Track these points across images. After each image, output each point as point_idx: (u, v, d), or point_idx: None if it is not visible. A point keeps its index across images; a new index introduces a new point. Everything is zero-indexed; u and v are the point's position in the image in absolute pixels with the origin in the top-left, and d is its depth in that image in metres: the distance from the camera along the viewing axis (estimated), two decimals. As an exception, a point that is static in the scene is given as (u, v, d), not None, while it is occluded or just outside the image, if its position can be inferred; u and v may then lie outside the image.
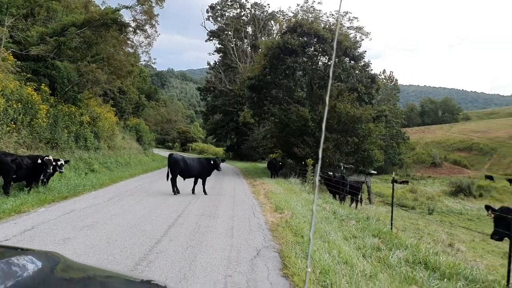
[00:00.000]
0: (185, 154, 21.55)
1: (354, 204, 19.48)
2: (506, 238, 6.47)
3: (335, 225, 9.92)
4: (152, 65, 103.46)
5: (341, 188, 18.25)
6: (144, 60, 51.64)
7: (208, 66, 69.15)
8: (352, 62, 33.10)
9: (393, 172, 12.61)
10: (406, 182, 52.69)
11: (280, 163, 29.75)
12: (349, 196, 19.58)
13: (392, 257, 7.19)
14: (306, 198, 15.45)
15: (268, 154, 46.50)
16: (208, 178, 16.29)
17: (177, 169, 15.11)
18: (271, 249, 7.79)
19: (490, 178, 57.77)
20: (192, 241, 7.97)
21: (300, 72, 33.50)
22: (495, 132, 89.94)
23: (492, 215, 6.65)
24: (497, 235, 6.40)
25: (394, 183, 13.03)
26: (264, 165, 42.96)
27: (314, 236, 8.46)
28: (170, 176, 15.13)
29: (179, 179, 15.45)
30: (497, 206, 6.94)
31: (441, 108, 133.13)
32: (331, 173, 21.31)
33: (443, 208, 31.63)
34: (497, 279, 6.27)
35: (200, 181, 15.75)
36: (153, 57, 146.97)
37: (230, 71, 62.39)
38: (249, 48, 62.24)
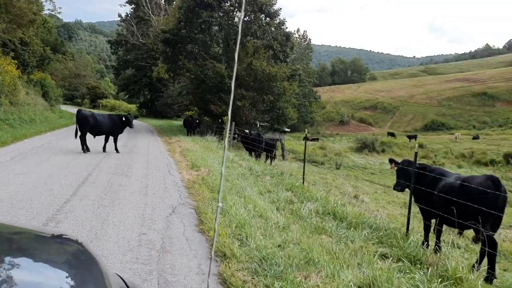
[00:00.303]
0: (96, 111, 20.54)
1: (269, 161, 20.04)
2: (407, 189, 7.03)
3: (251, 181, 10.16)
4: (58, 15, 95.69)
5: (257, 146, 18.62)
6: (48, 9, 47.42)
7: (119, 19, 65.20)
8: (267, 19, 33.04)
9: (306, 130, 13.08)
10: (317, 139, 55.06)
11: (197, 121, 29.46)
12: (265, 153, 20.06)
13: (303, 209, 7.56)
14: (223, 155, 15.57)
15: (184, 112, 45.79)
16: (120, 136, 15.73)
17: (86, 126, 14.36)
18: (187, 206, 7.80)
19: (392, 135, 62.25)
20: (103, 200, 7.72)
21: (216, 27, 32.88)
22: (398, 91, 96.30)
23: (395, 168, 7.16)
24: (399, 186, 6.93)
25: (306, 141, 13.56)
26: (180, 122, 42.33)
27: (231, 192, 8.60)
28: (79, 133, 14.36)
29: (89, 136, 14.73)
30: (399, 159, 7.48)
31: (350, 68, 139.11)
32: (247, 131, 21.60)
33: (349, 163, 33.60)
34: (398, 227, 6.86)
35: (111, 138, 15.16)
36: (58, 6, 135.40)
37: (143, 24, 59.44)
38: (163, 0, 59.58)
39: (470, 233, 7.86)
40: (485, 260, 5.69)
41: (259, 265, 4.72)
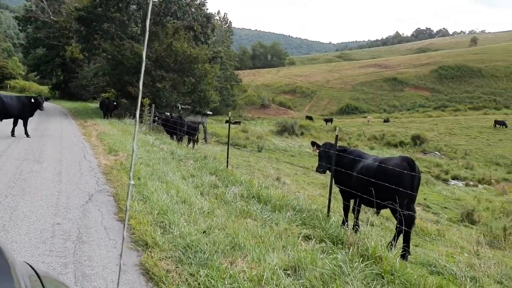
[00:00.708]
0: (3, 93, 18.84)
1: (191, 144, 19.73)
2: (328, 171, 7.20)
3: (173, 166, 9.87)
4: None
5: (178, 129, 18.20)
6: None
7: (27, -7, 60.16)
8: (188, -1, 32.33)
9: (229, 113, 12.98)
10: (239, 122, 55.33)
11: (114, 103, 28.13)
12: (187, 136, 19.69)
13: (228, 193, 7.48)
14: (142, 139, 15.02)
15: (101, 94, 43.60)
16: (30, 119, 14.58)
17: (-10, 109, 13.13)
18: (105, 193, 7.40)
19: (310, 118, 64.27)
20: (12, 188, 7.08)
21: (135, 6, 31.47)
22: (315, 76, 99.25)
23: (317, 150, 7.30)
24: (321, 168, 7.09)
25: (229, 124, 13.47)
26: (96, 105, 40.25)
27: (152, 177, 8.28)
28: (-18, 117, 13.10)
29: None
30: (318, 142, 7.64)
31: (270, 52, 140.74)
32: (168, 114, 21.05)
33: (270, 146, 34.19)
34: (319, 208, 7.02)
35: (20, 122, 14.00)
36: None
37: (54, 0, 55.37)
38: (76, -25, 55.82)
39: (386, 212, 8.25)
40: (401, 238, 6.01)
41: (183, 253, 4.56)
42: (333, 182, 7.03)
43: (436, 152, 41.45)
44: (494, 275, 5.66)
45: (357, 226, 6.69)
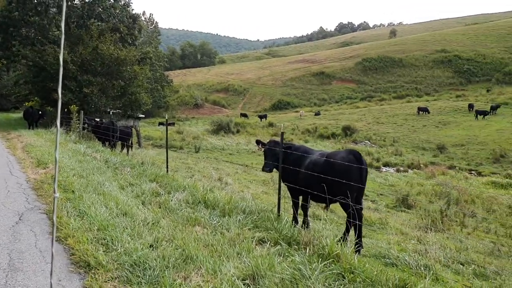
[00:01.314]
0: None
1: (125, 150, 18.92)
2: (275, 169, 7.06)
3: (109, 175, 9.29)
4: None
5: (111, 135, 17.35)
6: None
7: None
8: (111, 0, 30.98)
9: (166, 115, 12.52)
10: (173, 123, 54.25)
11: (39, 112, 26.36)
12: (120, 142, 18.85)
13: (172, 200, 7.11)
14: (73, 148, 14.13)
15: (23, 103, 40.89)
16: None
17: None
18: (36, 210, 6.77)
19: (244, 115, 64.41)
20: None
21: (55, 9, 29.66)
22: (246, 73, 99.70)
23: (262, 149, 7.14)
24: (267, 167, 6.93)
25: (162, 126, 13.05)
26: (19, 115, 37.63)
27: (87, 190, 7.72)
28: None
29: None
30: (253, 139, 7.49)
31: (199, 51, 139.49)
32: (99, 119, 20.05)
33: (208, 146, 33.76)
34: (269, 208, 6.84)
35: None
36: None
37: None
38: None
39: (336, 206, 8.28)
40: (352, 232, 6.00)
41: (131, 271, 4.20)
42: (281, 180, 6.90)
43: (367, 141, 43.07)
44: (441, 260, 5.81)
45: (307, 223, 6.62)
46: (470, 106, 55.05)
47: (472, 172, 29.68)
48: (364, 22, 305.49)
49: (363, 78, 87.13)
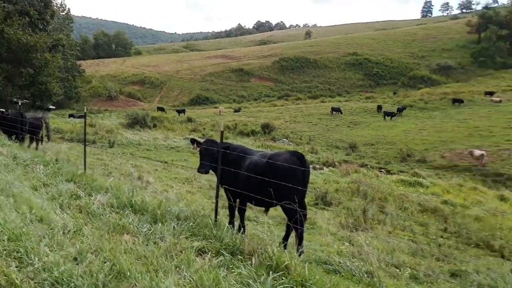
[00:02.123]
0: None
1: (34, 144, 17.30)
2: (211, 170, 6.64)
3: (19, 173, 8.22)
4: None
5: (18, 127, 15.71)
6: None
7: None
8: (18, -20, 28.30)
9: (85, 107, 11.46)
10: (85, 115, 51.19)
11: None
12: (28, 135, 17.17)
13: (94, 204, 6.38)
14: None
15: None
16: None
17: None
18: None
19: (161, 109, 62.71)
20: None
21: None
22: (164, 66, 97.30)
23: (197, 148, 6.69)
24: (203, 168, 6.46)
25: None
26: None
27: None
28: None
29: None
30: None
31: (114, 41, 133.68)
32: (4, 110, 18.11)
33: (123, 140, 32.21)
34: (207, 214, 6.34)
35: None
36: None
37: None
38: None
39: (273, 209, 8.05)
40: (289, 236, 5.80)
41: (53, 292, 3.60)
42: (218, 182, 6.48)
43: (284, 139, 43.90)
44: (379, 265, 5.80)
45: (242, 227, 6.32)
46: (379, 108, 58.36)
47: (382, 170, 31.30)
48: (281, 22, 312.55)
49: (280, 77, 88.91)
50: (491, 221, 14.50)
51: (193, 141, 6.92)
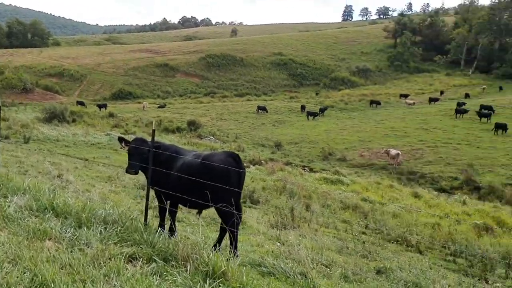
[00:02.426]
0: None
1: None
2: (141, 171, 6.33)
3: None
4: None
5: None
6: None
7: None
8: None
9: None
10: (-6, 109, 47.45)
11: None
12: None
13: (10, 206, 5.81)
14: None
15: None
16: None
17: None
18: None
19: (81, 103, 59.77)
20: None
21: None
22: (84, 59, 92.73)
23: (126, 148, 6.35)
24: (133, 169, 6.12)
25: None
26: None
27: None
28: None
29: None
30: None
31: (30, 31, 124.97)
32: None
33: (39, 136, 30.21)
34: (135, 217, 6.01)
35: None
36: None
37: None
38: None
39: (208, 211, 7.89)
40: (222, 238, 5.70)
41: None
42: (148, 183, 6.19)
43: (211, 137, 43.71)
44: (305, 260, 5.87)
45: (173, 230, 6.11)
46: (302, 107, 60.00)
47: (305, 168, 32.20)
48: (207, 18, 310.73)
49: (206, 74, 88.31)
50: (407, 217, 15.45)
51: (121, 139, 6.52)
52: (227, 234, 5.85)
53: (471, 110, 49.75)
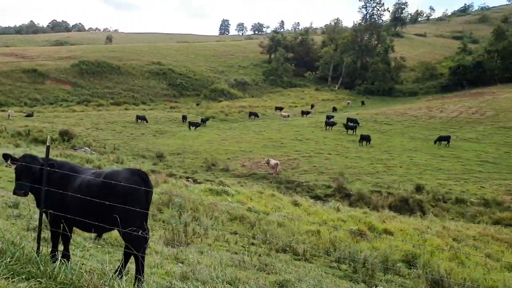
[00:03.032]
0: None
1: None
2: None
3: None
4: None
5: None
6: None
7: None
8: None
9: None
10: None
11: None
12: None
13: None
14: None
15: None
16: None
17: None
18: None
19: None
20: None
21: None
22: None
23: (13, 166, 5.68)
24: (22, 190, 5.43)
25: None
26: None
27: None
28: None
29: None
30: (5, 153, 6.00)
31: None
32: None
33: None
34: (26, 245, 5.34)
35: None
36: None
37: None
38: None
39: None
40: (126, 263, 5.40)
41: None
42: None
43: (86, 148, 41.19)
44: (210, 281, 5.85)
45: (67, 256, 5.63)
46: (184, 118, 59.75)
47: (189, 179, 32.00)
48: (79, 23, 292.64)
49: (80, 81, 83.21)
50: (291, 226, 16.19)
51: (6, 156, 5.73)
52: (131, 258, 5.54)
53: (338, 122, 54.20)
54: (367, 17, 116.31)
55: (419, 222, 21.35)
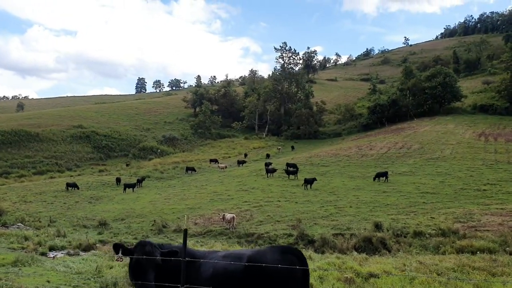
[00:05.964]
0: None
1: None
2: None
3: None
4: None
5: None
6: None
7: None
8: None
9: None
10: None
11: None
12: None
13: None
14: None
15: None
16: None
17: None
18: None
19: None
20: None
21: None
22: None
23: (122, 259, 4.75)
24: None
25: None
26: None
27: None
28: None
29: None
30: (117, 243, 5.04)
31: None
32: None
33: None
34: None
35: None
36: None
37: None
38: None
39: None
40: None
41: None
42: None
43: (20, 224, 37.62)
44: None
45: None
46: (118, 180, 57.19)
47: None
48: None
49: (-2, 152, 77.41)
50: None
51: (117, 247, 4.65)
52: None
53: (278, 169, 54.77)
54: (284, 66, 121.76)
55: (393, 260, 21.53)
